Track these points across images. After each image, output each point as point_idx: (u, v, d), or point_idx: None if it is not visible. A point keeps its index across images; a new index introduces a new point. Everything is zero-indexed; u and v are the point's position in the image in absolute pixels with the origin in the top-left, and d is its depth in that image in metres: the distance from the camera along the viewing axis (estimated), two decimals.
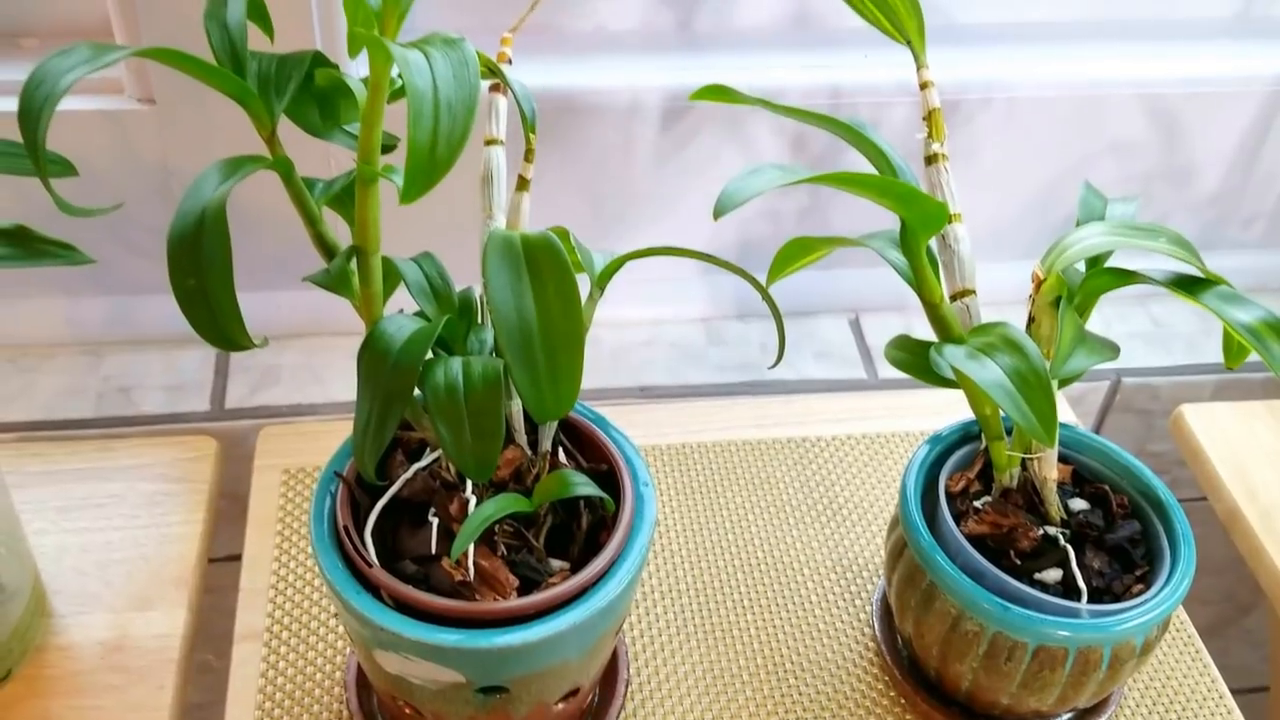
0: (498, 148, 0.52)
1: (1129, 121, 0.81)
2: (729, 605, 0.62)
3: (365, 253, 0.44)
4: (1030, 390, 0.41)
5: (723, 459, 0.71)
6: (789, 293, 0.85)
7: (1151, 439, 0.91)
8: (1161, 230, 0.49)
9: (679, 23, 0.77)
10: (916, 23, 0.53)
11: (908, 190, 0.41)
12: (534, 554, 0.45)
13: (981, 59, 0.78)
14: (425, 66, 0.36)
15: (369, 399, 0.43)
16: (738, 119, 0.76)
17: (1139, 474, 0.54)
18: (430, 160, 0.35)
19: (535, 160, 0.51)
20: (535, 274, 0.43)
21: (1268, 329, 0.44)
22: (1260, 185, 0.87)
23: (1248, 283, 0.92)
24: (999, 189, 0.83)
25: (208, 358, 0.77)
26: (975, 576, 0.49)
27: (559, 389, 0.42)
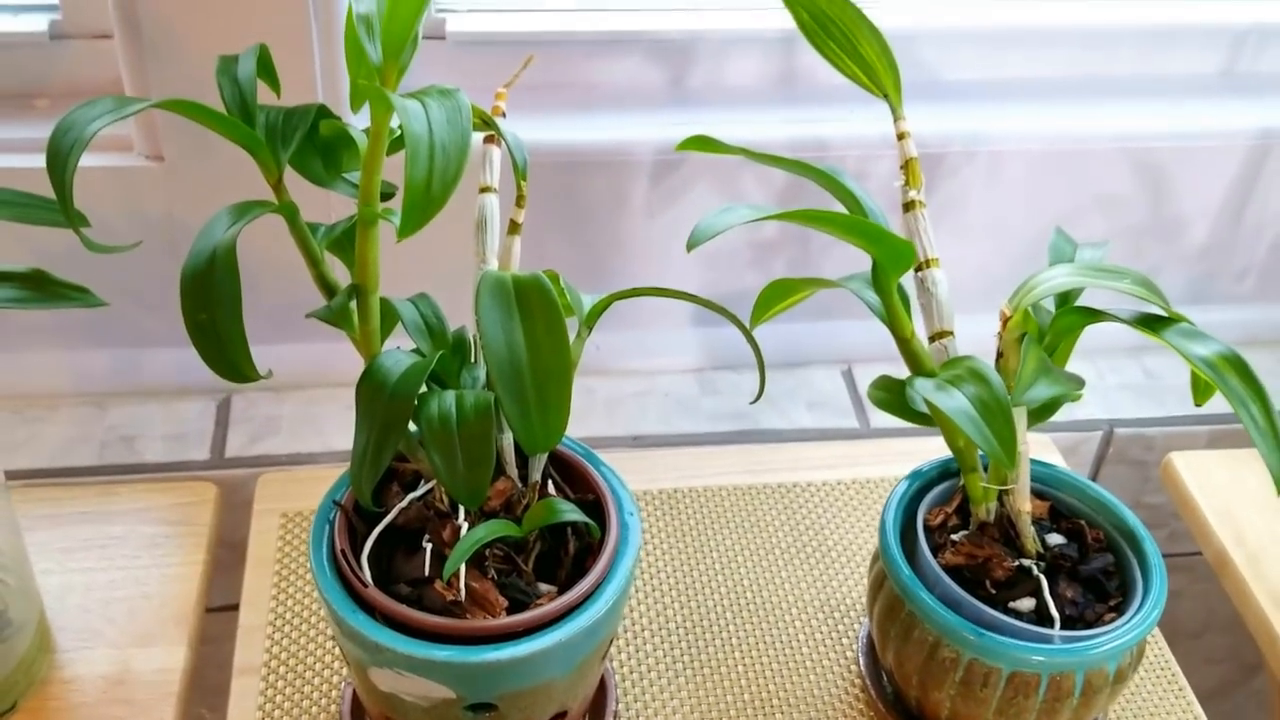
0: (491, 195, 0.55)
1: (1115, 175, 0.83)
2: (718, 643, 0.64)
3: (365, 291, 0.47)
4: (992, 416, 0.43)
5: (714, 503, 0.73)
6: (782, 344, 0.87)
7: (1146, 491, 0.92)
8: (1127, 272, 0.51)
9: (670, 81, 0.80)
10: (893, 77, 0.56)
11: (875, 229, 0.44)
12: (523, 577, 0.47)
13: (966, 114, 0.81)
14: (422, 113, 0.39)
15: (367, 428, 0.45)
16: (727, 173, 0.79)
17: (1113, 508, 0.55)
18: (426, 197, 0.37)
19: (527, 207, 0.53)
20: (525, 311, 0.45)
21: (1224, 363, 0.46)
22: (1249, 239, 0.89)
23: (1240, 336, 0.94)
24: (988, 241, 0.85)
25: (208, 408, 0.79)
26: (952, 605, 0.50)
27: (548, 420, 0.44)
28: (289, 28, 0.67)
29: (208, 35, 0.66)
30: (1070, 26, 0.82)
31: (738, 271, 0.84)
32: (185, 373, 0.80)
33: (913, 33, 0.81)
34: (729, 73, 0.81)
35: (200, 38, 0.66)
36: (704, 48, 0.79)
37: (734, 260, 0.83)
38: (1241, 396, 0.45)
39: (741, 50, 0.80)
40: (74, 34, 0.72)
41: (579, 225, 0.80)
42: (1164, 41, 0.84)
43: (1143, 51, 0.84)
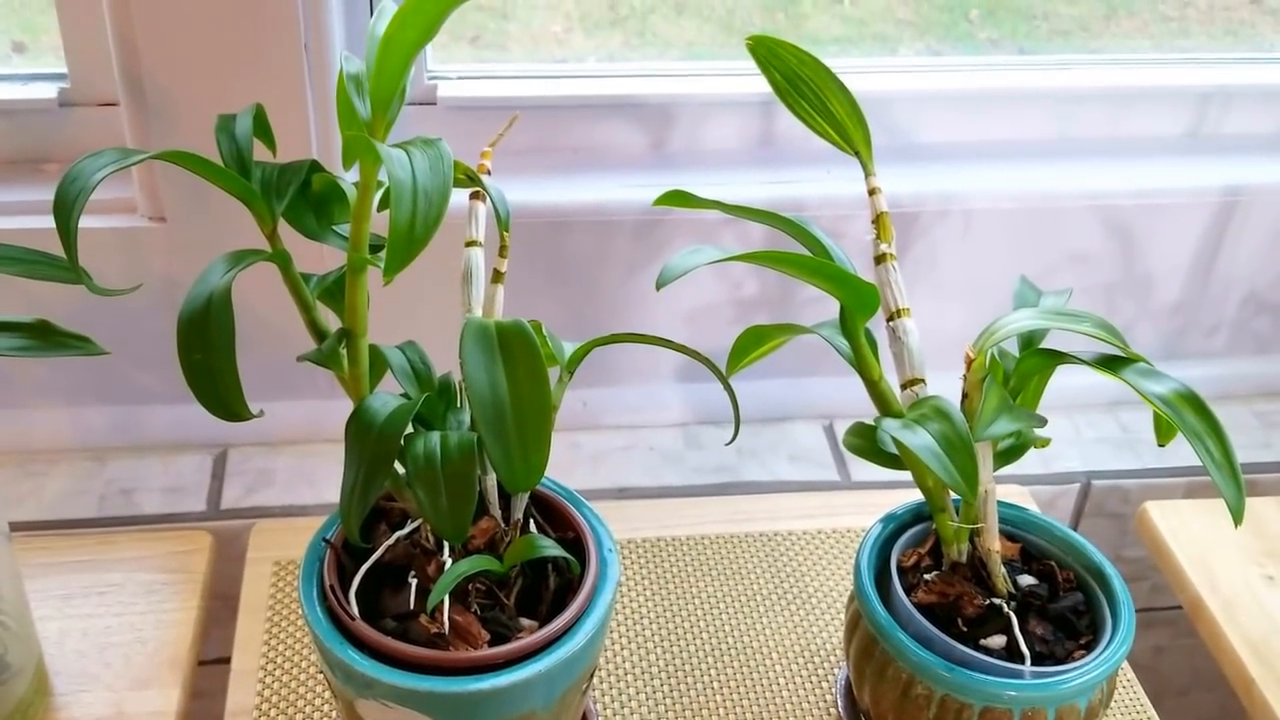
0: (477, 249, 0.57)
1: (1086, 233, 0.86)
2: (699, 686, 0.64)
3: (354, 335, 0.49)
4: (955, 451, 0.45)
5: (695, 552, 0.74)
6: (766, 399, 0.89)
7: (1126, 545, 0.93)
8: (1087, 316, 0.53)
9: (652, 144, 0.83)
10: (863, 134, 0.59)
11: (838, 271, 0.46)
12: (505, 611, 0.49)
13: (939, 174, 0.84)
14: (406, 160, 0.41)
15: (355, 465, 0.47)
16: (707, 231, 0.82)
17: (1081, 549, 0.57)
18: (409, 238, 0.40)
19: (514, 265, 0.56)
20: (508, 356, 0.47)
21: (1181, 400, 0.48)
22: (1219, 294, 0.92)
23: (1214, 391, 0.95)
24: (963, 297, 0.87)
25: (205, 462, 0.80)
26: (924, 643, 0.52)
27: (529, 459, 0.46)
28: (285, 91, 0.69)
29: (208, 99, 0.69)
30: (1040, 89, 0.85)
31: (719, 328, 0.87)
32: (183, 428, 0.81)
33: (887, 97, 0.84)
34: (709, 136, 0.84)
35: (201, 102, 0.69)
36: (684, 112, 0.82)
37: (715, 317, 0.86)
38: (1198, 432, 0.47)
39: (720, 114, 0.83)
40: (81, 101, 0.75)
41: (565, 282, 0.82)
42: (1131, 103, 0.87)
43: (1111, 113, 0.87)
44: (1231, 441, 0.48)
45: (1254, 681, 0.65)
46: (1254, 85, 0.88)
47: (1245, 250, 0.89)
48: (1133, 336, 0.92)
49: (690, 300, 0.84)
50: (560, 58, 0.85)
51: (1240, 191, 0.86)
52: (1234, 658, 0.68)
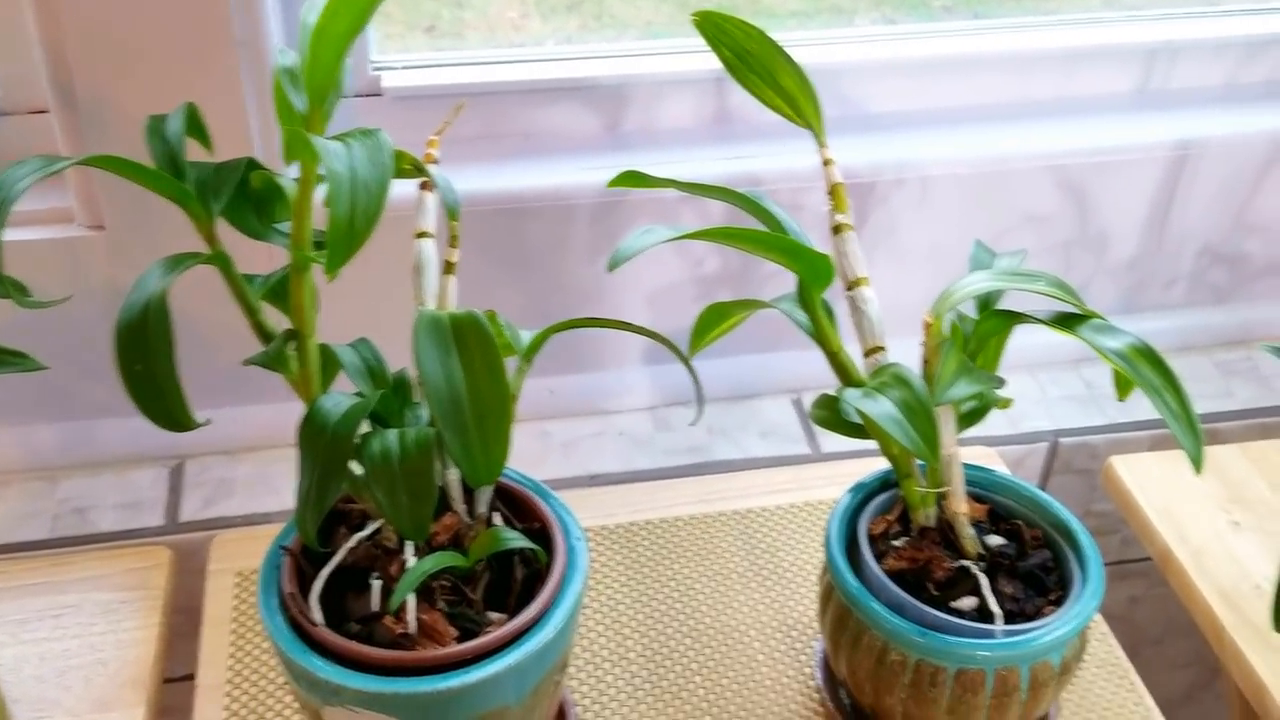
0: (428, 240, 0.56)
1: (1041, 194, 0.86)
2: (678, 669, 0.64)
3: (302, 335, 0.48)
4: (915, 416, 0.44)
5: (668, 535, 0.73)
6: (734, 377, 0.89)
7: (1095, 500, 0.93)
8: (1041, 275, 0.53)
9: (606, 126, 0.82)
10: (814, 107, 0.58)
11: (791, 244, 0.46)
12: (472, 607, 0.48)
13: (893, 143, 0.84)
14: (343, 153, 0.40)
15: (309, 469, 0.46)
16: (667, 210, 0.81)
17: (1048, 506, 0.57)
18: (349, 233, 0.39)
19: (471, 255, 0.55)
20: (463, 347, 0.46)
21: (1136, 354, 0.48)
22: (1174, 248, 0.92)
23: (1174, 343, 0.96)
24: (924, 264, 0.87)
25: (161, 475, 0.79)
26: (896, 609, 0.52)
27: (490, 452, 0.45)
28: (223, 89, 0.68)
29: (142, 102, 0.67)
30: (993, 54, 0.85)
31: (683, 307, 0.86)
32: (137, 441, 0.80)
33: (841, 68, 0.83)
34: (663, 115, 0.83)
35: (135, 105, 0.67)
36: (637, 92, 0.81)
37: (678, 296, 0.85)
38: (1155, 385, 0.47)
39: (674, 92, 0.82)
40: (11, 110, 0.73)
41: (525, 270, 0.81)
42: (1081, 63, 0.87)
43: (1061, 73, 0.87)
44: (1188, 392, 0.48)
45: (1225, 628, 0.66)
46: (1200, 39, 0.88)
47: (1198, 203, 0.90)
48: (1092, 293, 0.92)
49: (652, 280, 0.83)
50: (517, 43, 0.84)
51: (1190, 145, 0.86)
52: (1204, 606, 0.68)
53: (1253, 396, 0.92)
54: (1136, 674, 0.65)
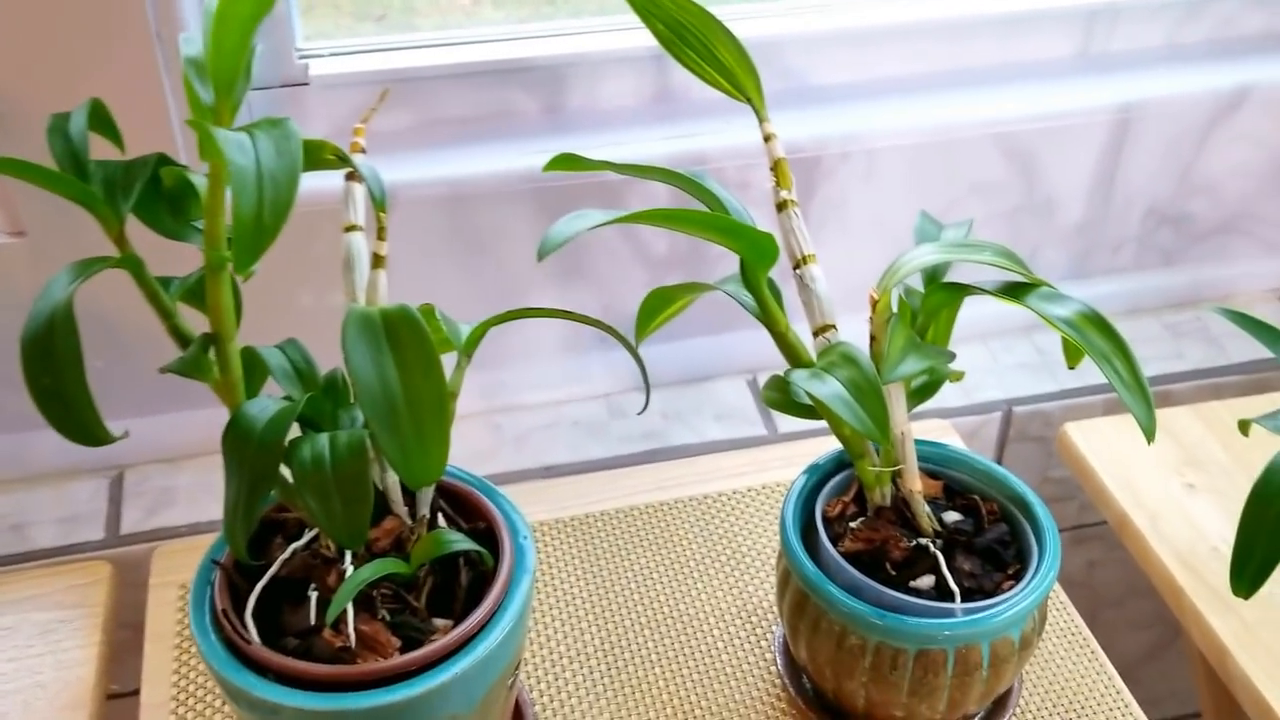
0: (357, 234, 0.54)
1: (987, 162, 0.85)
2: (637, 661, 0.63)
3: (221, 339, 0.46)
4: (864, 397, 0.43)
5: (625, 525, 0.72)
6: (687, 360, 0.87)
7: (1051, 466, 0.93)
8: (987, 245, 0.52)
9: (545, 108, 0.80)
10: (753, 81, 0.57)
11: (732, 224, 0.44)
12: (416, 614, 0.46)
13: (837, 115, 0.82)
14: (248, 145, 0.38)
15: (236, 480, 0.44)
16: (611, 192, 0.79)
17: (1003, 480, 0.56)
18: (257, 229, 0.37)
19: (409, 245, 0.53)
20: (395, 344, 0.44)
21: (1085, 321, 0.47)
22: (1121, 211, 0.92)
23: (1123, 306, 0.96)
24: (873, 237, 0.86)
25: (101, 487, 0.76)
26: (854, 592, 0.50)
27: (428, 453, 0.43)
28: (139, 83, 0.65)
29: (56, 101, 0.64)
30: (929, 21, 0.84)
31: (633, 292, 0.84)
32: (74, 452, 0.77)
33: (781, 40, 0.82)
34: (603, 95, 0.81)
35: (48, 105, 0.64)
36: (575, 72, 0.80)
37: (627, 281, 0.83)
38: (1104, 352, 0.46)
39: (613, 71, 0.80)
40: None
41: (468, 261, 0.79)
42: (1020, 28, 0.86)
43: (1002, 39, 0.86)
44: (1138, 359, 0.47)
45: (1184, 592, 0.65)
46: (1139, 0, 0.87)
47: (1143, 165, 0.89)
48: (1041, 259, 0.92)
49: (600, 265, 0.82)
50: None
51: (1133, 107, 0.86)
52: (1162, 569, 0.68)
53: (1203, 357, 0.92)
54: (1097, 643, 0.65)
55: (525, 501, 0.75)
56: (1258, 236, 0.96)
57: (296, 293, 0.77)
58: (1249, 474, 0.73)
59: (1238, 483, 0.73)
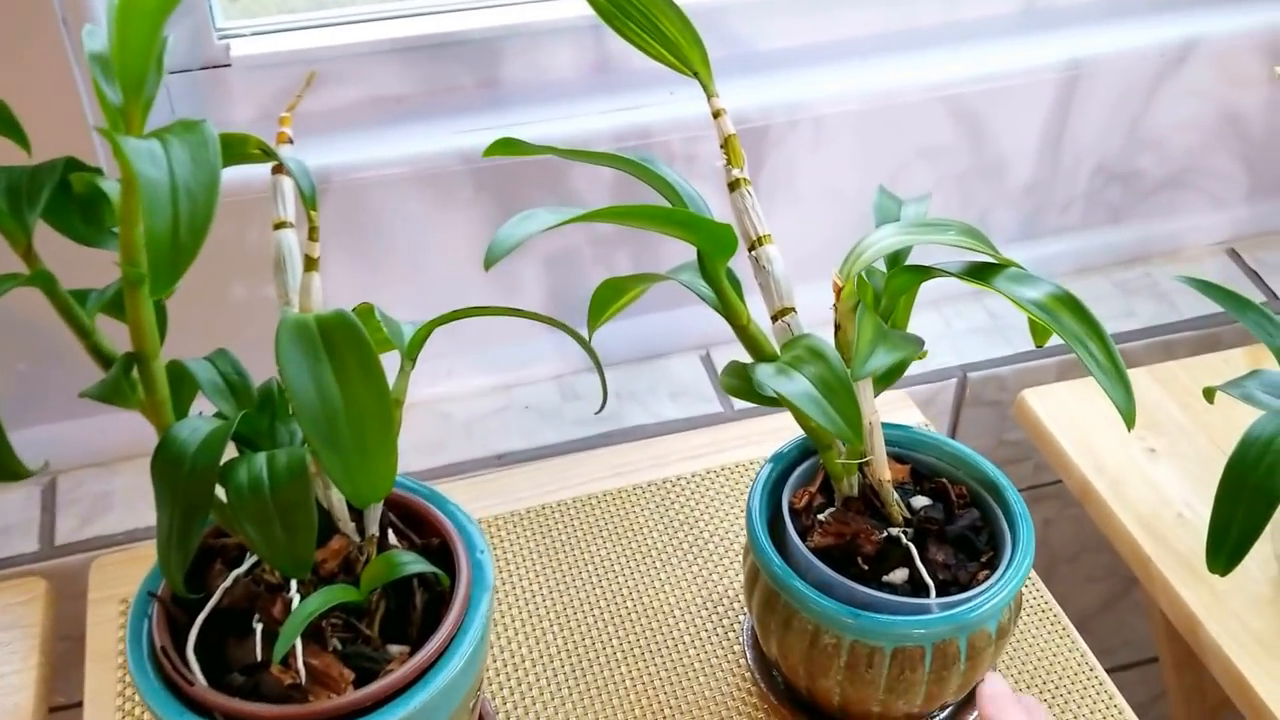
0: (288, 231, 0.51)
1: (935, 125, 0.84)
2: (602, 660, 0.61)
3: (144, 358, 0.42)
4: (835, 395, 0.41)
5: (582, 514, 0.70)
6: (639, 338, 0.85)
7: (1006, 429, 0.93)
8: (950, 224, 0.50)
9: (482, 83, 0.77)
10: (700, 53, 0.54)
11: (689, 217, 0.42)
12: (369, 644, 0.44)
13: (783, 83, 0.80)
14: (160, 155, 0.35)
15: (168, 511, 0.41)
16: (554, 173, 0.76)
17: (972, 462, 0.54)
18: (173, 248, 0.34)
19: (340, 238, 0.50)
20: (333, 353, 0.42)
21: (1057, 303, 0.45)
22: (1070, 169, 0.91)
23: (1074, 265, 0.95)
24: (824, 206, 0.84)
25: (33, 495, 0.73)
26: (825, 589, 0.49)
27: (373, 468, 0.41)
28: (49, 79, 0.61)
29: None
30: None
31: (582, 270, 0.82)
32: None
33: (721, 7, 0.79)
34: (541, 67, 0.78)
35: None
36: (512, 45, 0.76)
37: (576, 260, 0.81)
38: (1078, 335, 0.44)
39: (550, 43, 0.77)
40: None
41: (406, 250, 0.76)
42: None
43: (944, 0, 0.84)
44: (1112, 341, 0.45)
45: (1150, 560, 0.65)
46: None
47: (1090, 122, 0.88)
48: (990, 221, 0.91)
49: (547, 246, 0.79)
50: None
51: (1080, 64, 0.84)
52: (1127, 537, 0.68)
53: (1154, 314, 0.92)
54: (1068, 619, 0.64)
55: (478, 494, 0.73)
56: (1205, 190, 0.96)
57: (228, 286, 0.73)
58: (1209, 436, 0.73)
59: (1198, 445, 0.73)
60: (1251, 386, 0.54)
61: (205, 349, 0.68)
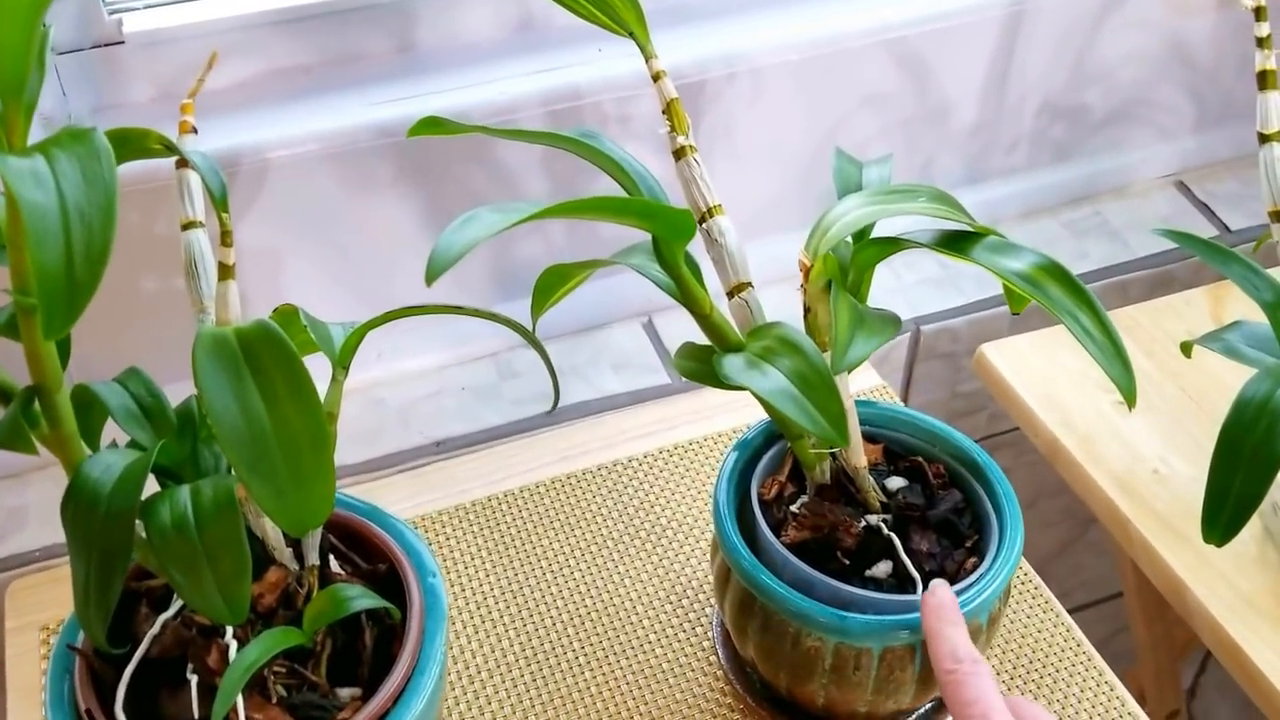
0: (197, 231, 0.46)
1: (878, 71, 0.80)
2: (564, 665, 0.58)
3: (46, 391, 0.37)
4: (814, 391, 0.38)
5: (532, 504, 0.66)
6: (576, 307, 0.80)
7: (960, 380, 0.91)
8: (919, 189, 0.46)
9: (397, 48, 0.71)
10: (634, 12, 0.50)
11: (646, 205, 0.38)
12: (317, 690, 0.40)
13: (718, 34, 0.76)
14: (46, 174, 0.30)
15: (84, 560, 0.36)
16: (485, 145, 0.72)
17: (949, 438, 0.52)
18: (68, 284, 0.29)
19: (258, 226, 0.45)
20: (257, 370, 0.38)
21: (1043, 273, 0.42)
22: (1014, 109, 0.88)
23: (1021, 208, 0.93)
24: (766, 161, 0.81)
25: None
26: (805, 589, 0.46)
27: (308, 494, 0.37)
28: None
29: None
30: None
31: (519, 240, 0.77)
32: None
33: None
34: (460, 28, 0.73)
35: None
36: (425, 5, 0.71)
37: (517, 235, 0.76)
38: (1068, 308, 0.41)
39: (468, 0, 0.72)
40: None
41: (324, 234, 0.71)
42: None
43: None
44: (1105, 312, 0.42)
45: (1129, 521, 0.63)
46: None
47: (1035, 59, 0.86)
48: (936, 166, 0.88)
49: None
50: None
51: (1023, 1, 0.81)
52: (1103, 498, 0.65)
53: (1107, 254, 0.90)
54: (1051, 593, 0.62)
55: (420, 488, 0.69)
56: (1152, 123, 0.94)
57: (137, 279, 0.67)
58: (1179, 385, 0.72)
59: (1168, 395, 0.71)
60: (1233, 339, 0.52)
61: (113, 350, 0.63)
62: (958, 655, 0.40)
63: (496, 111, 0.70)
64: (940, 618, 0.42)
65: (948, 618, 0.42)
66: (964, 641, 0.41)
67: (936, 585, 0.43)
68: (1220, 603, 0.56)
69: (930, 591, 0.43)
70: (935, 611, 0.42)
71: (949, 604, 0.42)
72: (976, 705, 0.38)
